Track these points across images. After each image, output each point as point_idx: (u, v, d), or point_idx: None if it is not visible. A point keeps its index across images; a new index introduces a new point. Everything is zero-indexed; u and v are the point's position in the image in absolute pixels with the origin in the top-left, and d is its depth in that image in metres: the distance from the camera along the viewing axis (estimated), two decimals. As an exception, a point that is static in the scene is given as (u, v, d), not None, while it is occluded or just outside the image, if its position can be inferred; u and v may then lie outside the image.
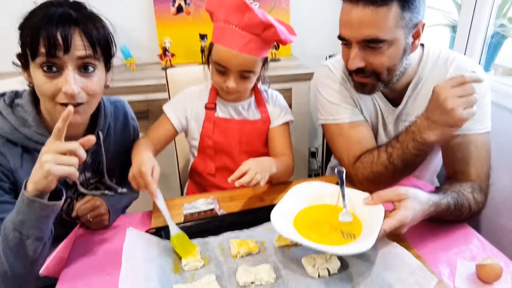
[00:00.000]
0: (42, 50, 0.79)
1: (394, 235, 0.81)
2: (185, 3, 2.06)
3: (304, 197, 0.92)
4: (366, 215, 0.85)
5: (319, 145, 2.44)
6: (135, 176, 0.92)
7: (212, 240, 0.90)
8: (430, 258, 0.83)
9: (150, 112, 1.83)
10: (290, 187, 1.13)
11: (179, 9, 2.07)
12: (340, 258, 0.82)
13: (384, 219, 0.79)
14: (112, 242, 0.93)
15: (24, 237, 0.77)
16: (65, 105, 0.82)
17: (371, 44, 0.90)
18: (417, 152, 0.92)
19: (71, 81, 0.81)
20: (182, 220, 0.98)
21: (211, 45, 1.08)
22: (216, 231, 0.93)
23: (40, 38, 0.78)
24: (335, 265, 0.79)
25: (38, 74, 0.82)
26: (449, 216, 0.89)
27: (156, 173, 0.94)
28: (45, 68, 0.81)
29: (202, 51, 2.03)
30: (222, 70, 1.06)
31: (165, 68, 1.95)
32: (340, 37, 0.96)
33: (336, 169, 0.94)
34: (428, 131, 0.88)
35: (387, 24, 0.88)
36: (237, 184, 0.93)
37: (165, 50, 2.01)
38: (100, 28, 0.86)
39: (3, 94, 0.93)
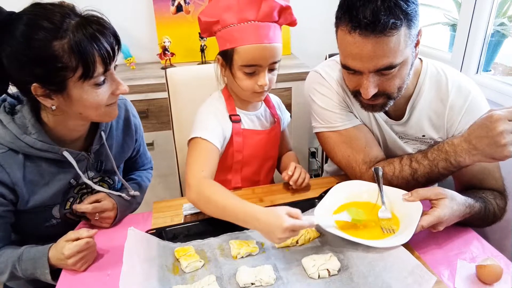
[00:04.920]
0: (100, 69, 0.80)
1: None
2: (185, 2, 2.06)
3: (344, 194, 0.97)
4: (404, 211, 0.88)
5: (319, 145, 2.43)
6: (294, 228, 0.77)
7: (212, 241, 0.90)
8: (430, 259, 0.84)
9: (150, 112, 1.82)
10: (290, 187, 1.14)
11: (179, 8, 2.07)
12: (340, 259, 0.82)
13: (422, 216, 0.81)
14: (112, 242, 0.93)
15: (36, 275, 0.86)
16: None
17: (385, 71, 0.86)
18: (446, 172, 0.90)
19: (121, 82, 0.88)
20: (182, 220, 0.98)
21: (231, 51, 0.99)
22: (216, 232, 0.93)
23: (96, 56, 0.79)
24: (335, 265, 0.80)
25: (86, 91, 0.82)
26: (478, 220, 0.90)
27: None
28: (98, 82, 0.82)
29: (202, 50, 2.02)
30: (252, 71, 1.00)
31: (164, 68, 1.95)
32: (346, 67, 0.90)
33: (373, 168, 0.97)
34: (465, 155, 0.84)
35: (399, 48, 0.83)
36: (291, 182, 1.05)
37: (164, 49, 2.00)
38: (116, 34, 0.86)
39: (4, 100, 0.90)
